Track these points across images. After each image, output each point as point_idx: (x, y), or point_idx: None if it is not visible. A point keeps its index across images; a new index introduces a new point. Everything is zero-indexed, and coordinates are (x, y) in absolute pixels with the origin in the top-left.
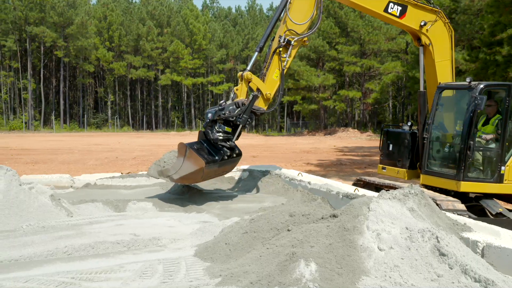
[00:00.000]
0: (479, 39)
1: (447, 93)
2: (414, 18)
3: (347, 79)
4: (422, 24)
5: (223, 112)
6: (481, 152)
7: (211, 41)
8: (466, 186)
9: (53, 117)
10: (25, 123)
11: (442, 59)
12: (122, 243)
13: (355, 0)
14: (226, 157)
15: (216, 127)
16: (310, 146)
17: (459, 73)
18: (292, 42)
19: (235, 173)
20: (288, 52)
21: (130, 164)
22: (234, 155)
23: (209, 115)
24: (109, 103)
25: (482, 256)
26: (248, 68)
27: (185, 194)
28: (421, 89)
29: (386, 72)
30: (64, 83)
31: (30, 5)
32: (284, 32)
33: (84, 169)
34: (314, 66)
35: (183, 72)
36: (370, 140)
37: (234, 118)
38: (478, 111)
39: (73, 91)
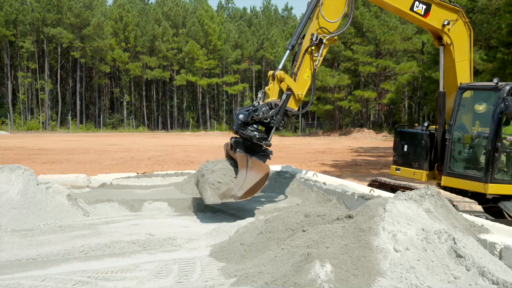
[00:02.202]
0: (497, 38)
1: (469, 93)
2: (437, 17)
3: (362, 79)
4: (445, 23)
5: (257, 114)
6: (505, 154)
7: (226, 41)
8: (494, 189)
9: (69, 118)
10: (42, 123)
11: (461, 59)
12: (138, 242)
13: None
14: (270, 157)
15: (249, 128)
16: (325, 146)
17: (476, 73)
18: (324, 40)
19: None
20: (320, 51)
21: (145, 164)
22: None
23: (241, 116)
24: (124, 103)
25: (500, 258)
26: (280, 67)
27: None
28: (441, 89)
29: (401, 72)
30: (81, 84)
31: (48, 6)
32: (316, 30)
33: (100, 169)
34: (329, 66)
35: (198, 72)
36: (385, 141)
37: (268, 119)
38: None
39: (89, 91)
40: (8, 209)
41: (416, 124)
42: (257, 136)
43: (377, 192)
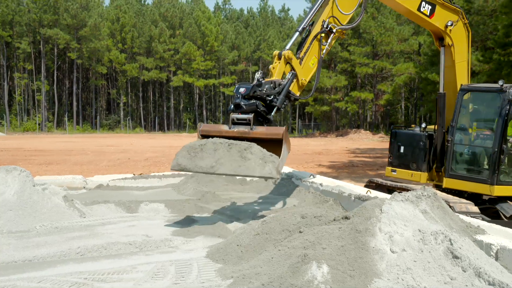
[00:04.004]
0: (493, 40)
1: (470, 95)
2: (441, 17)
3: (359, 80)
4: (448, 24)
5: (260, 89)
6: (508, 155)
7: (223, 42)
8: (499, 190)
9: (66, 119)
10: (39, 124)
11: (461, 60)
12: (134, 244)
13: None
14: None
15: (252, 101)
16: (321, 147)
17: (472, 74)
18: (334, 30)
19: None
20: (329, 40)
21: (142, 165)
22: None
23: (242, 89)
24: (121, 104)
25: (496, 259)
26: (287, 47)
27: (197, 195)
28: (441, 90)
29: (398, 74)
30: (77, 85)
31: (44, 7)
32: (328, 18)
33: (96, 170)
34: (326, 67)
35: (195, 73)
36: (382, 142)
37: (271, 97)
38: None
39: (86, 92)
40: (4, 210)
41: (413, 125)
42: (261, 108)
43: (374, 193)
